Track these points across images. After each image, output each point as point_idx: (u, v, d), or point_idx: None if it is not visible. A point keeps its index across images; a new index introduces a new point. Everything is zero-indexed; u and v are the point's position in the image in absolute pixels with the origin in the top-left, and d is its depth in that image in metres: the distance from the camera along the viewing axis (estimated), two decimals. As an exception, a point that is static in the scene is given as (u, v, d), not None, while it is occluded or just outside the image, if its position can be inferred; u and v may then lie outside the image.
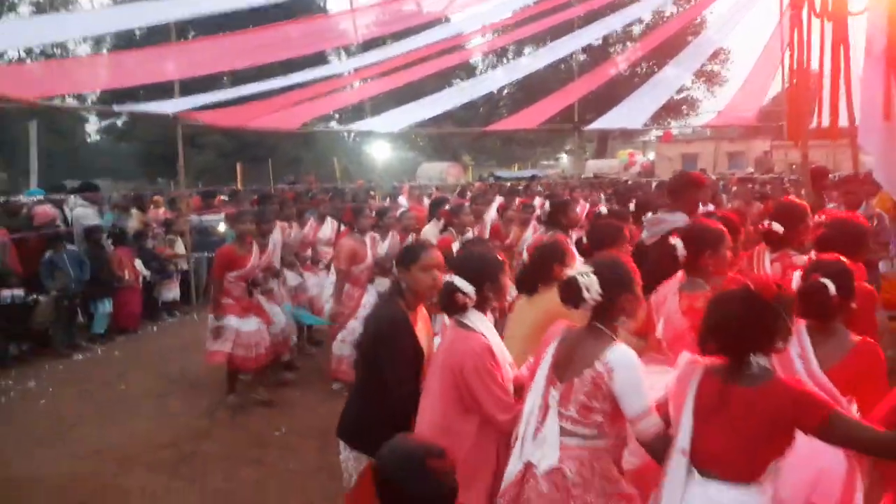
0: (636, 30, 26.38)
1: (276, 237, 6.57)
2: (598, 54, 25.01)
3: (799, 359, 2.65)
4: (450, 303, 2.80)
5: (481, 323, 2.78)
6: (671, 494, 2.19)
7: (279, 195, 11.66)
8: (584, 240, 4.65)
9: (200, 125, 12.65)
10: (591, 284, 2.45)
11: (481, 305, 2.83)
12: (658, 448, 2.30)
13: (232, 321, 5.97)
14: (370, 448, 2.32)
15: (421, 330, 3.11)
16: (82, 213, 9.27)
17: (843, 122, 6.12)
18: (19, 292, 7.69)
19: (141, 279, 9.23)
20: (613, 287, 2.47)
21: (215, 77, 21.57)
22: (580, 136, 16.64)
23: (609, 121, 13.52)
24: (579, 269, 2.56)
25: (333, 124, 23.70)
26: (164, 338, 9.03)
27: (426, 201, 13.02)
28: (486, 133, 25.09)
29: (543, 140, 33.58)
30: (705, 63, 26.15)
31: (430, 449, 1.80)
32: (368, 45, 12.54)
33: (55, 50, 25.70)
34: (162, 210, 11.27)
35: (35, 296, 7.88)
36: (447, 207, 7.02)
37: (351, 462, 3.09)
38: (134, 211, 10.33)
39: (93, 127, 36.40)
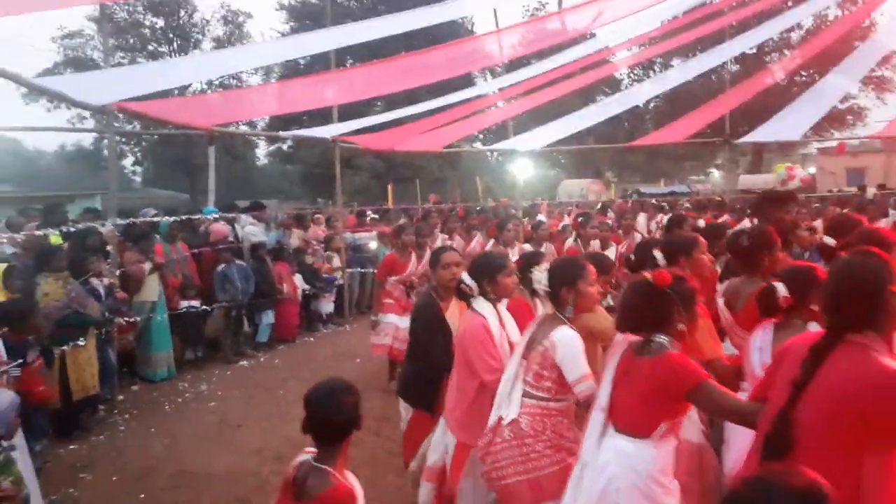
0: (794, 36, 24.68)
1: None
2: (751, 63, 23.71)
3: (758, 351, 3.08)
4: (460, 292, 3.67)
5: (485, 308, 3.53)
6: (590, 443, 2.71)
7: (425, 212, 12.22)
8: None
9: (355, 148, 13.54)
10: (541, 279, 3.29)
11: (486, 296, 3.58)
12: (590, 405, 2.88)
13: (392, 318, 6.90)
14: (415, 401, 4.20)
15: (453, 314, 4.07)
16: (251, 230, 10.21)
17: None
18: (196, 303, 8.60)
19: (300, 292, 10.01)
20: (557, 282, 3.20)
21: (370, 103, 23.02)
22: (731, 150, 15.87)
23: (764, 133, 12.79)
24: (542, 266, 3.40)
25: (478, 144, 24.30)
26: (319, 347, 9.71)
27: (567, 219, 13.12)
28: (629, 148, 24.58)
29: (692, 154, 32.20)
30: (874, 69, 23.97)
31: (343, 386, 2.53)
32: (514, 64, 12.87)
33: (231, 81, 28.54)
34: (321, 228, 12.13)
35: (208, 307, 8.75)
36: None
37: (404, 413, 4.44)
38: (295, 229, 11.21)
39: (262, 151, 39.88)
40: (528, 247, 7.82)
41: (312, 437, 2.50)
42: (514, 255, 6.76)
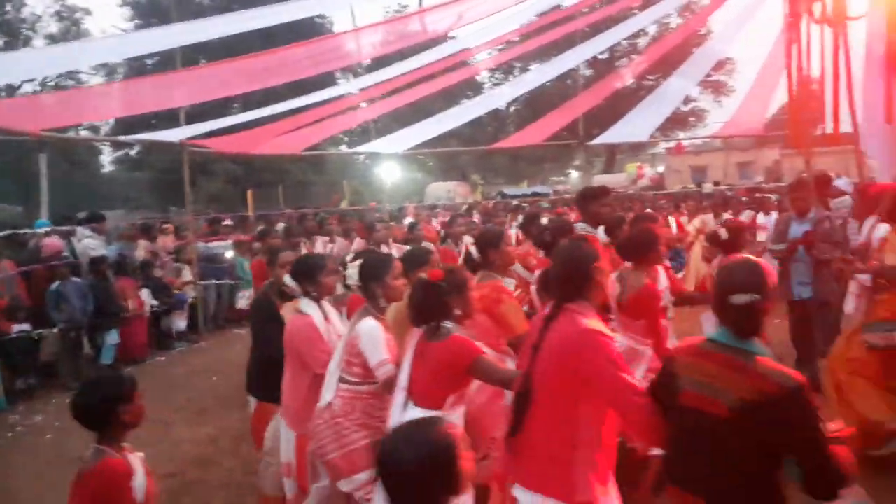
0: (642, 43, 26.35)
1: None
2: (603, 69, 25.00)
3: None
4: (283, 294, 4.12)
5: (310, 307, 3.81)
6: (394, 418, 3.04)
7: (286, 219, 11.73)
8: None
9: (208, 152, 12.75)
10: (352, 275, 3.69)
11: (310, 295, 3.84)
12: (390, 385, 3.21)
13: None
14: (258, 393, 4.56)
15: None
16: (89, 243, 9.31)
17: (847, 127, 6.06)
18: (27, 326, 7.71)
19: (147, 308, 9.23)
20: (365, 277, 3.56)
21: (227, 104, 21.89)
22: (586, 151, 16.56)
23: (614, 135, 13.45)
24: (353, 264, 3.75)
25: (343, 147, 23.83)
26: (171, 367, 9.00)
27: (434, 221, 13.12)
28: (491, 151, 25.09)
29: (552, 156, 33.53)
30: (711, 73, 26.07)
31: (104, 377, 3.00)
32: (375, 65, 12.66)
33: (68, 82, 26.17)
34: (171, 238, 11.29)
35: (41, 330, 7.90)
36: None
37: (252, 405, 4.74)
38: (140, 241, 10.35)
39: (107, 158, 36.91)
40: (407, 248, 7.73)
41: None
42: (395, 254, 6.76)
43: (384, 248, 7.09)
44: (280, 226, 12.07)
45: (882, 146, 5.43)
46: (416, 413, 2.94)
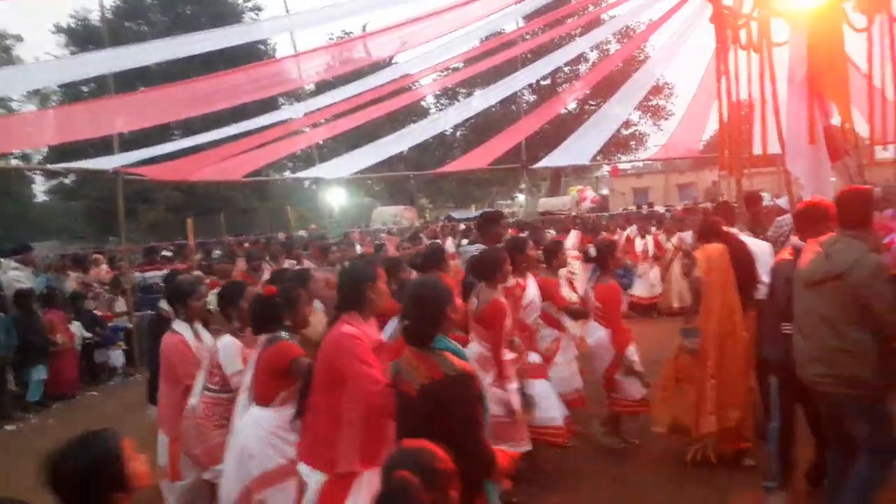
0: (583, 68, 27.02)
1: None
2: (547, 94, 25.52)
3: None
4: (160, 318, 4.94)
5: (182, 327, 4.34)
6: (238, 414, 3.68)
7: (230, 246, 11.45)
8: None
9: (147, 180, 12.39)
10: (212, 301, 4.45)
11: (187, 318, 4.38)
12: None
13: None
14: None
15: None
16: (15, 275, 8.89)
17: (776, 149, 6.28)
18: (-54, 363, 7.28)
19: (79, 342, 8.82)
20: (224, 303, 4.23)
21: (165, 130, 21.41)
22: (528, 175, 16.78)
23: (556, 158, 13.67)
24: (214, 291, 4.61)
25: (287, 173, 23.55)
26: (104, 402, 8.61)
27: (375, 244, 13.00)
28: (437, 175, 25.22)
29: (499, 180, 33.92)
30: (650, 98, 26.87)
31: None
32: (320, 90, 12.55)
33: (-2, 110, 25.23)
34: (104, 269, 10.86)
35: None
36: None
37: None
38: (71, 272, 9.93)
39: (40, 187, 35.59)
40: None
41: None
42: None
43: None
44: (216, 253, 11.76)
45: (806, 166, 5.62)
46: (254, 411, 3.59)
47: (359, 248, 11.30)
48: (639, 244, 11.53)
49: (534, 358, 4.93)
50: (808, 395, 3.92)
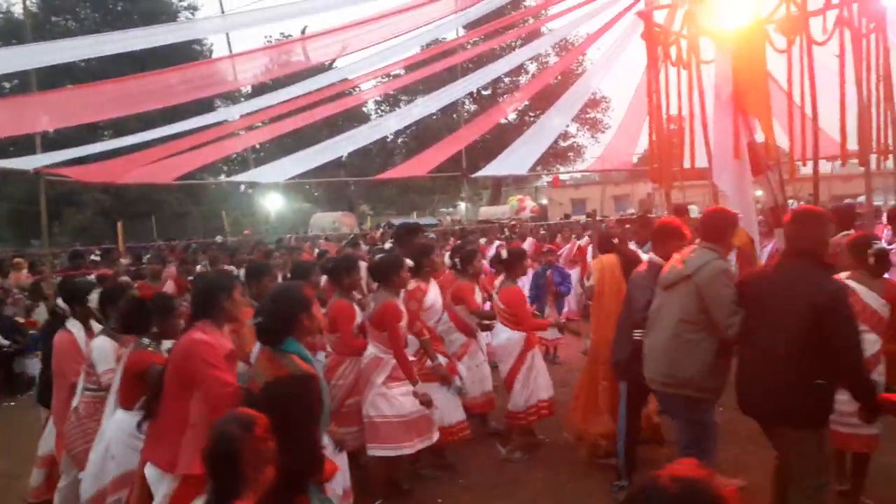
0: (523, 80, 27.44)
1: None
2: (488, 104, 25.79)
3: None
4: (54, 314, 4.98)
5: (76, 327, 4.52)
6: (106, 416, 3.87)
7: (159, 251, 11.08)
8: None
9: (71, 182, 11.84)
10: (93, 299, 4.52)
11: (81, 319, 4.59)
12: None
13: None
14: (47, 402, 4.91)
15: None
16: (-76, 280, 8.36)
17: (704, 163, 6.50)
18: None
19: (-7, 350, 8.37)
20: (103, 301, 4.40)
21: (94, 130, 20.61)
22: (469, 184, 16.90)
23: (495, 168, 13.78)
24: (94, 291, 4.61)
25: (222, 177, 22.99)
26: (22, 412, 8.16)
27: (316, 251, 12.82)
28: (378, 182, 25.07)
29: (441, 188, 34.01)
30: (588, 111, 27.49)
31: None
32: (257, 92, 12.27)
33: None
34: (24, 274, 10.33)
35: None
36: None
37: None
38: (-12, 276, 9.43)
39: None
40: None
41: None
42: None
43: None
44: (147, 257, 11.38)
45: (732, 180, 5.84)
46: (118, 413, 3.75)
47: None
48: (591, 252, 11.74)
49: (440, 360, 5.10)
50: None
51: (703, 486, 1.49)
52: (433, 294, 5.25)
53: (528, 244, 10.97)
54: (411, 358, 4.88)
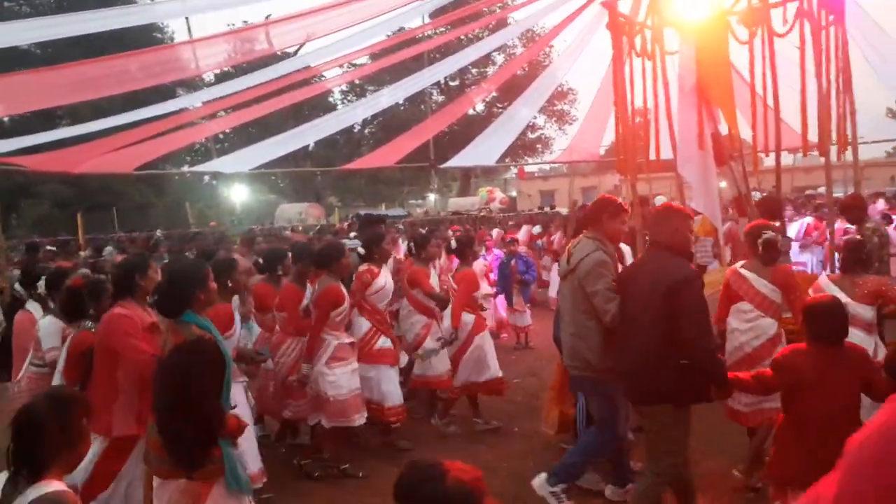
0: (490, 71, 27.39)
1: None
2: (455, 95, 25.70)
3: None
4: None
5: (34, 307, 4.92)
6: None
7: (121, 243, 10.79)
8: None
9: (28, 173, 11.46)
10: (40, 285, 4.91)
11: (39, 301, 4.95)
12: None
13: None
14: None
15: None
16: None
17: (669, 154, 6.52)
18: None
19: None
20: (47, 286, 4.84)
21: (50, 118, 20.02)
22: (438, 175, 16.83)
23: (464, 159, 13.73)
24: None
25: (185, 167, 22.54)
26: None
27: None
28: (345, 172, 24.84)
29: (410, 179, 33.86)
30: (556, 103, 27.58)
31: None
32: (220, 80, 11.98)
33: None
34: (-25, 265, 9.93)
35: None
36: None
37: None
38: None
39: None
40: None
41: None
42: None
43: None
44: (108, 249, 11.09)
45: (696, 171, 5.86)
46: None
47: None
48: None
49: (384, 343, 5.43)
50: None
51: (476, 489, 1.68)
52: (383, 278, 5.49)
53: (523, 232, 11.76)
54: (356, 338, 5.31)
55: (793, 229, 9.48)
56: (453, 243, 6.30)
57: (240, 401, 4.06)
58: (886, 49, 9.13)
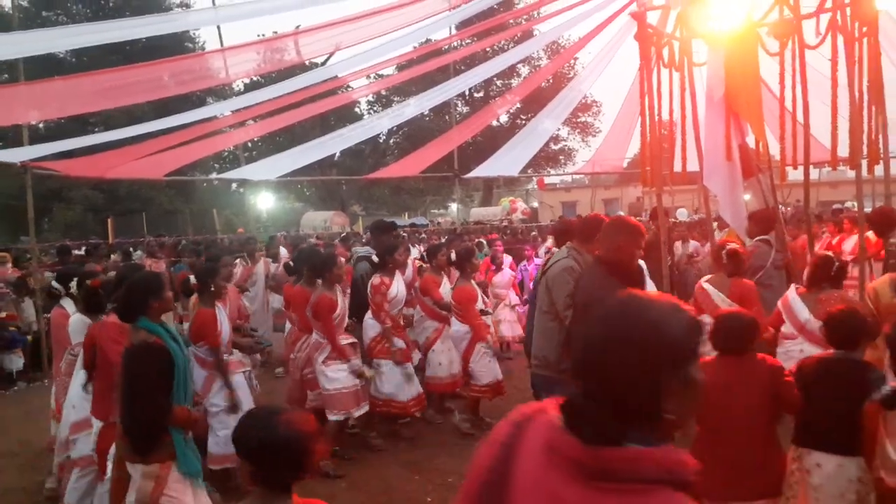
0: (515, 83, 27.44)
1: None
2: (480, 106, 25.79)
3: None
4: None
5: (69, 305, 5.18)
6: (74, 377, 4.62)
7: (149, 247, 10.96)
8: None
9: (61, 178, 11.70)
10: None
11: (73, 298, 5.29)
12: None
13: None
14: None
15: None
16: None
17: (695, 166, 6.48)
18: None
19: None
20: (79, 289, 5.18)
21: (84, 123, 20.43)
22: (462, 185, 16.89)
23: (487, 169, 13.79)
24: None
25: (213, 174, 22.85)
26: (5, 408, 8.04)
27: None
28: (369, 181, 24.99)
29: (433, 189, 33.96)
30: (579, 115, 27.52)
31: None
32: (251, 89, 12.17)
33: None
34: (9, 268, 10.19)
35: None
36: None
37: None
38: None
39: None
40: None
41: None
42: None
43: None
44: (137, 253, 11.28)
45: (723, 183, 5.82)
46: (80, 374, 4.48)
47: (284, 253, 11.07)
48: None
49: (398, 343, 5.85)
50: None
51: (306, 434, 2.04)
52: (396, 286, 5.86)
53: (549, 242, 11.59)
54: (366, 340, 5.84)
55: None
56: (452, 256, 6.43)
57: (240, 387, 4.83)
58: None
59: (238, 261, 9.68)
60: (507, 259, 9.69)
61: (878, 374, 3.23)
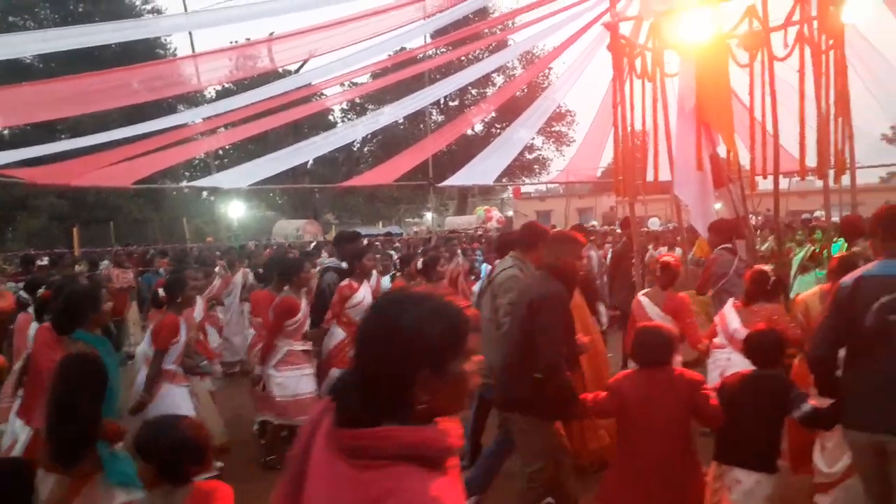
0: (489, 92, 27.57)
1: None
2: (454, 115, 25.85)
3: None
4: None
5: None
6: None
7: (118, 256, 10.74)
8: None
9: (25, 185, 11.40)
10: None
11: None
12: None
13: None
14: None
15: None
16: None
17: (667, 176, 6.53)
18: None
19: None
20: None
21: (50, 130, 20.02)
22: (437, 194, 16.87)
23: (462, 178, 13.80)
24: None
25: (184, 182, 22.53)
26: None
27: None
28: (343, 190, 24.87)
29: (407, 198, 33.89)
30: (553, 125, 27.73)
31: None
32: (222, 96, 12.02)
33: None
34: (-31, 277, 9.89)
35: None
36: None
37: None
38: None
39: None
40: None
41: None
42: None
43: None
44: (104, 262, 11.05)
45: (694, 192, 5.88)
46: None
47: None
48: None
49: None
50: None
51: (202, 436, 2.35)
52: (362, 292, 5.85)
53: None
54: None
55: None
56: (419, 264, 6.41)
57: (182, 404, 4.57)
58: (884, 74, 9.23)
59: (217, 269, 9.52)
60: (486, 268, 9.63)
61: (799, 392, 3.29)
